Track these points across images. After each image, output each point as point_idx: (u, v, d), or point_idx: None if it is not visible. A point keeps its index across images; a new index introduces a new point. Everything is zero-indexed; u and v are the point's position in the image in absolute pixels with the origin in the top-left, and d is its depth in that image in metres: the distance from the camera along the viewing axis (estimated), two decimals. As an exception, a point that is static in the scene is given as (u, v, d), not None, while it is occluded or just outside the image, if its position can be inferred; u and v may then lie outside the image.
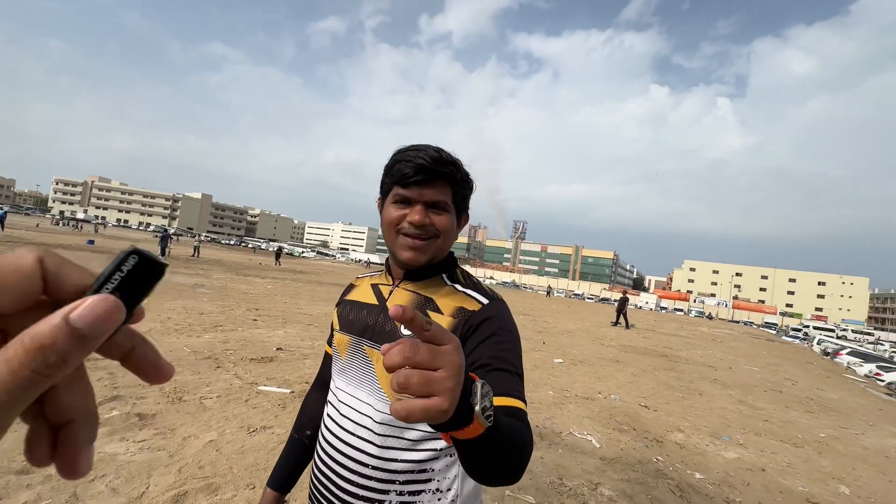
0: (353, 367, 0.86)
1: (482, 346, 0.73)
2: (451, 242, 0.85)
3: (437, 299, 0.82)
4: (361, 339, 0.85)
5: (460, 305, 0.80)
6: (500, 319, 0.78)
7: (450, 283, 0.86)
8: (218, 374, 4.10)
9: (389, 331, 0.81)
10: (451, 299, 0.82)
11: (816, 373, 12.30)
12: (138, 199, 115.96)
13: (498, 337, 0.75)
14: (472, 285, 0.86)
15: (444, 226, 0.81)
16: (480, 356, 0.72)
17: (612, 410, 4.88)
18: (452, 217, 0.83)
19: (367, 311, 0.88)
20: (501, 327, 0.77)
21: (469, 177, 0.86)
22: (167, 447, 2.57)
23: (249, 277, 15.33)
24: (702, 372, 8.75)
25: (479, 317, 0.77)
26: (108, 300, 0.22)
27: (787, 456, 4.26)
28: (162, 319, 6.08)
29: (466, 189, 0.86)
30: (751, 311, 70.32)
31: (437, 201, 0.80)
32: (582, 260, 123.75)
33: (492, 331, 0.75)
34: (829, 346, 23.16)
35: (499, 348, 0.74)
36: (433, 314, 0.80)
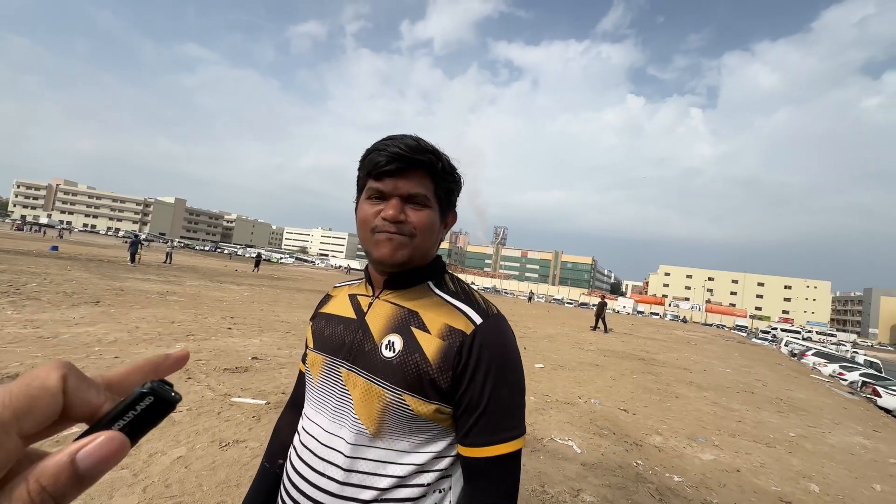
0: (325, 392, 0.74)
1: (476, 385, 0.66)
2: (432, 242, 0.74)
3: (422, 313, 0.72)
4: (335, 359, 0.74)
5: (450, 324, 0.70)
6: (496, 346, 0.69)
7: (437, 293, 0.75)
8: (188, 385, 3.93)
9: (369, 350, 0.71)
10: (440, 314, 0.71)
11: (785, 373, 12.75)
12: (107, 204, 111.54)
13: (495, 371, 0.67)
14: (464, 296, 0.75)
15: (422, 222, 0.70)
16: (474, 397, 0.66)
17: (593, 415, 4.91)
18: (434, 213, 0.73)
19: (343, 327, 0.78)
20: (498, 356, 0.68)
21: (454, 169, 0.77)
22: (131, 465, 2.43)
23: (225, 284, 14.88)
24: (678, 375, 8.94)
25: (471, 343, 0.67)
26: (117, 440, 0.22)
27: (760, 456, 4.37)
28: (130, 329, 5.81)
29: (451, 182, 0.76)
30: (723, 315, 72.72)
31: (415, 194, 0.70)
32: (561, 265, 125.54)
33: (487, 365, 0.67)
34: (796, 348, 24.13)
35: (493, 385, 0.66)
36: (418, 332, 0.70)
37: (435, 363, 0.67)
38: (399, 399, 0.66)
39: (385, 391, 0.67)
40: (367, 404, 0.68)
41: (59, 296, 7.65)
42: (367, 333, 0.73)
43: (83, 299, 7.63)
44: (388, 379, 0.67)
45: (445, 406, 0.68)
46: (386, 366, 0.68)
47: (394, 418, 0.67)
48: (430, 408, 0.67)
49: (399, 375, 0.67)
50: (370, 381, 0.68)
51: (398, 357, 0.68)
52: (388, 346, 0.70)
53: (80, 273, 11.75)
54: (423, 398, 0.66)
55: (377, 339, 0.71)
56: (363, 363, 0.70)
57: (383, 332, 0.71)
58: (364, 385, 0.69)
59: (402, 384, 0.66)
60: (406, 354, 0.68)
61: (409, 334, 0.70)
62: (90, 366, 4.04)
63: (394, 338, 0.70)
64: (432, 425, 0.69)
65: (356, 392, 0.69)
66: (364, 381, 0.69)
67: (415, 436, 0.68)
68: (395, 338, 0.70)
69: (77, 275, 11.28)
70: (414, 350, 0.68)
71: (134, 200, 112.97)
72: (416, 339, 0.69)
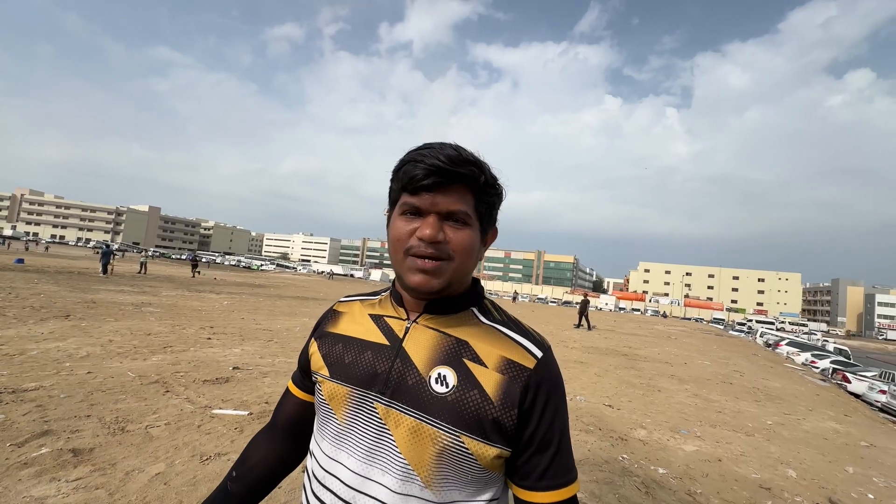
0: (357, 432, 0.63)
1: (545, 423, 0.61)
2: (472, 265, 0.66)
3: (474, 343, 0.64)
4: (369, 392, 0.64)
5: (508, 357, 0.63)
6: (557, 381, 0.65)
7: (484, 321, 0.68)
8: (167, 399, 3.81)
9: (413, 384, 0.62)
10: (494, 345, 0.64)
11: (761, 363, 13.18)
12: (76, 214, 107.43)
13: (562, 409, 0.64)
14: (514, 325, 0.68)
15: (462, 243, 0.62)
16: (546, 436, 0.61)
17: (578, 411, 4.97)
18: (475, 232, 0.64)
19: (372, 354, 0.67)
20: (561, 393, 0.64)
21: (496, 181, 0.68)
22: (107, 484, 2.33)
23: (203, 293, 14.50)
24: (660, 368, 9.13)
25: (537, 379, 0.62)
26: None
27: (740, 445, 4.49)
28: (103, 343, 5.60)
29: (493, 197, 0.67)
30: (701, 308, 74.77)
31: (455, 211, 0.62)
32: (544, 265, 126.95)
33: (556, 401, 0.63)
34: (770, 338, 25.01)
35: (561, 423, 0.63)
36: (473, 365, 0.62)
37: (497, 401, 0.60)
38: (458, 441, 0.58)
39: (441, 432, 0.59)
40: (417, 447, 0.59)
41: (26, 310, 7.31)
42: (408, 363, 0.64)
43: (52, 313, 7.32)
44: (443, 418, 0.59)
45: (506, 449, 0.60)
46: (439, 403, 0.60)
47: (451, 464, 0.59)
48: (492, 452, 0.59)
49: (455, 414, 0.59)
50: (420, 421, 0.60)
51: (453, 393, 0.60)
52: (439, 379, 0.61)
53: (48, 286, 11.27)
54: (485, 441, 0.59)
55: (423, 371, 0.62)
56: (408, 399, 0.61)
57: (430, 364, 0.63)
58: (412, 424, 0.60)
59: (460, 424, 0.59)
60: (462, 390, 0.60)
61: (463, 367, 0.62)
62: (61, 382, 3.87)
63: (445, 371, 0.62)
64: (487, 472, 0.61)
65: (400, 432, 0.60)
66: (411, 420, 0.60)
67: (468, 484, 0.60)
68: (447, 371, 0.62)
69: (45, 288, 10.82)
70: (471, 386, 0.60)
71: (105, 209, 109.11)
72: (473, 374, 0.61)
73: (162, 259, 53.85)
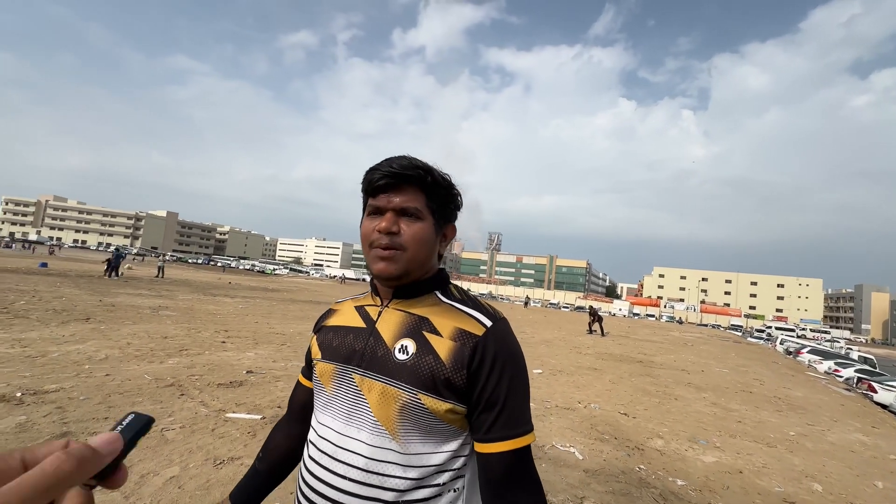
0: (339, 398, 0.76)
1: (492, 383, 0.71)
2: (425, 254, 0.77)
3: (433, 319, 0.76)
4: (348, 366, 0.77)
5: (460, 327, 0.74)
6: (507, 346, 0.74)
7: (445, 300, 0.80)
8: (182, 402, 3.85)
9: (382, 355, 0.74)
10: (450, 319, 0.76)
11: (781, 372, 12.80)
12: (97, 219, 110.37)
13: (510, 370, 0.72)
14: (472, 303, 0.80)
15: (414, 234, 0.75)
16: (493, 395, 0.70)
17: (593, 420, 4.87)
18: (427, 225, 0.76)
19: (353, 336, 0.80)
20: (510, 356, 0.73)
21: (447, 182, 0.81)
22: (122, 488, 2.35)
23: (218, 297, 14.72)
24: (676, 376, 8.93)
25: (485, 344, 0.72)
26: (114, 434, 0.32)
27: (762, 456, 4.35)
28: (121, 346, 5.71)
29: (445, 196, 0.80)
30: (718, 315, 73.11)
31: (407, 208, 0.75)
32: (556, 269, 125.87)
33: (502, 364, 0.72)
34: (791, 346, 24.28)
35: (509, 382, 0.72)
36: (430, 335, 0.74)
37: (448, 363, 0.71)
38: (415, 399, 0.70)
39: (401, 392, 0.70)
40: (384, 406, 0.71)
41: (49, 313, 7.51)
42: (378, 340, 0.76)
43: (73, 316, 7.50)
44: (404, 380, 0.71)
45: (459, 405, 0.71)
46: (401, 368, 0.72)
47: (411, 418, 0.70)
48: (444, 406, 0.70)
49: (414, 376, 0.71)
50: (386, 384, 0.72)
51: (412, 359, 0.72)
52: (402, 349, 0.73)
53: (70, 290, 11.57)
54: (438, 397, 0.70)
55: (389, 344, 0.75)
56: (377, 368, 0.73)
57: (395, 338, 0.75)
58: (380, 388, 0.72)
59: (417, 384, 0.70)
60: (419, 357, 0.72)
61: (422, 338, 0.74)
62: (80, 384, 3.95)
63: (406, 342, 0.74)
64: (445, 425, 0.72)
65: (372, 396, 0.72)
66: (380, 384, 0.72)
67: (430, 436, 0.71)
68: (408, 342, 0.74)
69: (67, 291, 11.10)
70: (427, 352, 0.72)
71: (125, 215, 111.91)
72: (429, 342, 0.73)
73: (179, 263, 54.94)
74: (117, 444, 0.31)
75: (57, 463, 0.26)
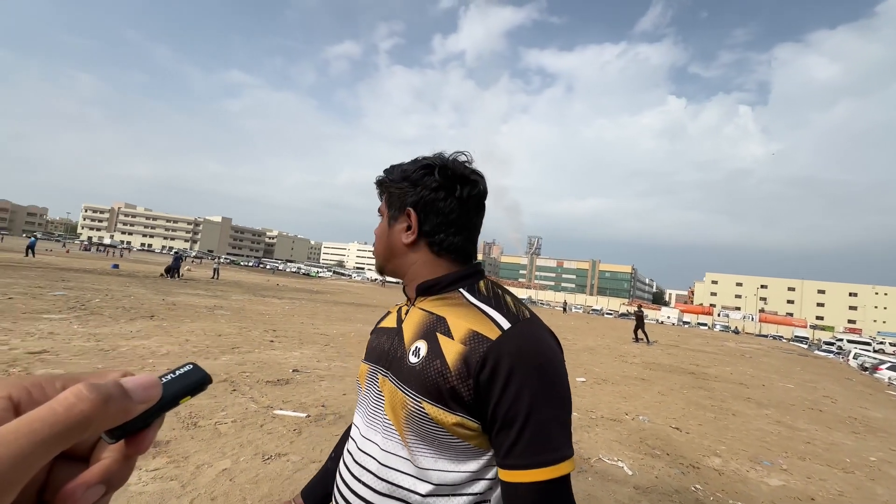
0: (367, 399, 0.77)
1: (508, 397, 0.59)
2: (382, 246, 0.82)
3: (449, 319, 0.69)
4: (377, 367, 0.77)
5: (474, 329, 0.65)
6: (528, 353, 0.62)
7: (468, 298, 0.72)
8: (234, 397, 4.04)
9: (400, 357, 0.72)
10: (466, 319, 0.67)
11: (856, 389, 11.60)
12: (161, 224, 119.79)
13: (532, 382, 0.60)
14: (494, 300, 0.70)
15: (376, 232, 0.83)
16: (509, 411, 0.59)
17: (642, 433, 4.62)
18: (382, 221, 0.82)
19: (386, 336, 0.80)
20: (532, 365, 0.61)
21: (397, 173, 0.79)
22: (179, 476, 2.49)
23: (267, 298, 15.46)
24: (733, 390, 8.32)
25: (498, 351, 0.61)
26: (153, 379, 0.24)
27: (837, 483, 3.93)
28: (181, 342, 6.10)
29: (392, 187, 0.79)
30: (779, 325, 67.75)
31: (379, 210, 0.84)
32: (599, 274, 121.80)
33: (521, 375, 0.60)
34: (867, 361, 21.97)
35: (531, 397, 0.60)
36: (442, 337, 0.67)
37: (455, 370, 0.63)
38: (419, 406, 0.64)
39: (407, 397, 0.66)
40: (394, 410, 0.68)
41: (119, 310, 8.18)
42: (400, 340, 0.74)
43: (139, 314, 8.13)
44: (410, 385, 0.66)
45: (470, 420, 0.62)
46: (410, 372, 0.68)
47: (416, 428, 0.65)
48: (451, 419, 0.62)
49: (419, 381, 0.65)
50: (396, 387, 0.69)
51: (421, 363, 0.67)
52: (415, 351, 0.69)
53: (137, 289, 12.57)
54: (444, 408, 0.63)
55: (407, 346, 0.72)
56: (395, 369, 0.71)
57: (413, 339, 0.72)
58: (391, 390, 0.70)
59: (422, 391, 0.64)
60: (428, 360, 0.66)
61: (434, 339, 0.68)
62: (144, 377, 4.25)
63: (420, 343, 0.69)
64: (457, 441, 0.64)
65: (386, 398, 0.71)
66: (392, 386, 0.70)
67: (441, 451, 0.64)
68: (421, 343, 0.69)
69: (135, 291, 12.07)
70: (435, 356, 0.66)
71: (185, 220, 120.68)
72: (439, 345, 0.67)
73: (231, 266, 58.36)
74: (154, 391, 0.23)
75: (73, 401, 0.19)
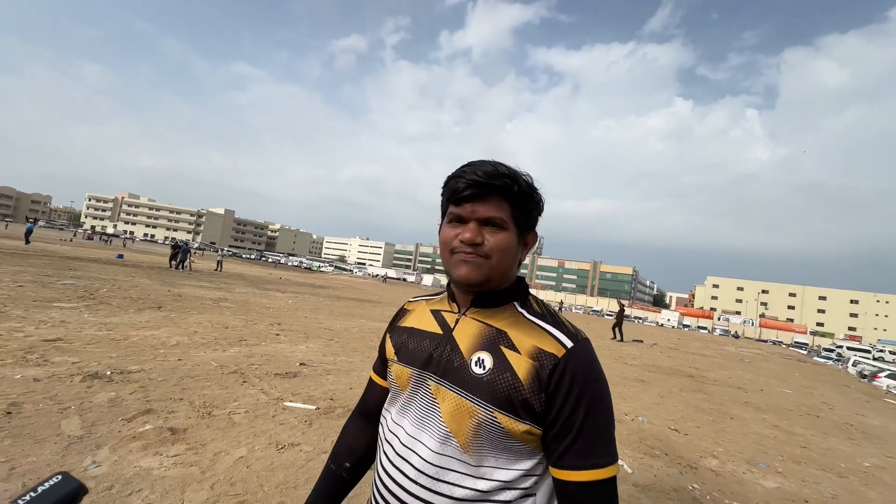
0: (415, 404, 0.78)
1: (568, 408, 0.67)
2: (509, 263, 0.76)
3: (511, 333, 0.74)
4: (425, 372, 0.78)
5: (539, 346, 0.71)
6: (588, 370, 0.70)
7: (524, 314, 0.77)
8: (244, 388, 4.15)
9: (458, 366, 0.74)
10: (528, 335, 0.73)
11: (854, 396, 11.68)
12: (165, 215, 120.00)
13: (589, 396, 0.68)
14: (551, 318, 0.76)
15: (497, 244, 0.74)
16: (569, 420, 0.67)
17: (641, 433, 4.72)
18: (510, 235, 0.75)
19: (429, 341, 0.80)
20: (591, 381, 0.69)
21: (533, 191, 0.79)
22: (199, 462, 2.60)
23: (270, 292, 15.57)
24: (731, 394, 8.41)
25: (564, 367, 0.69)
26: None
27: (831, 486, 4.02)
28: (189, 333, 6.21)
29: (529, 204, 0.78)
30: (779, 330, 67.69)
31: (491, 217, 0.73)
32: (600, 276, 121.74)
33: (580, 388, 0.68)
34: (866, 368, 22.00)
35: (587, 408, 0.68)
36: (508, 351, 0.71)
37: (527, 384, 0.68)
38: (492, 417, 0.68)
39: (477, 408, 0.69)
40: (457, 419, 0.71)
41: (127, 300, 8.30)
42: (455, 349, 0.76)
43: (147, 304, 8.24)
44: (481, 396, 0.70)
45: (536, 427, 0.69)
46: (477, 382, 0.71)
47: (486, 435, 0.69)
48: (521, 427, 0.68)
49: (491, 393, 0.69)
50: (461, 397, 0.71)
51: (489, 374, 0.70)
52: (478, 363, 0.72)
53: (143, 280, 12.69)
54: (515, 417, 0.68)
55: (466, 356, 0.74)
56: (453, 378, 0.73)
57: (472, 349, 0.74)
58: (455, 400, 0.72)
59: (494, 402, 0.68)
60: (497, 373, 0.70)
61: (499, 353, 0.72)
62: (157, 367, 4.36)
63: (483, 355, 0.72)
64: (521, 445, 0.70)
65: (446, 405, 0.73)
66: (455, 396, 0.72)
67: (503, 452, 0.70)
68: (485, 355, 0.72)
69: (141, 281, 12.19)
70: (505, 369, 0.70)
71: (188, 212, 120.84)
72: (507, 359, 0.71)
73: (234, 258, 58.56)
74: None
75: None
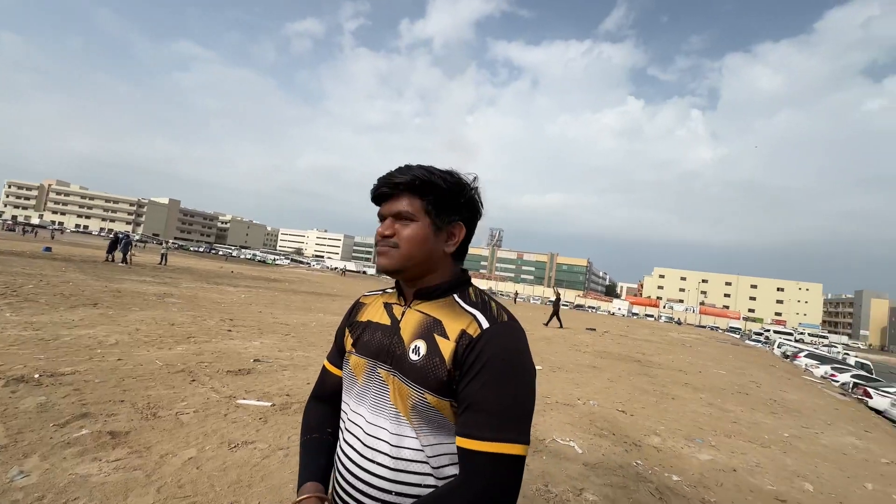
0: (370, 391, 0.84)
1: (471, 382, 0.73)
2: (419, 251, 0.82)
3: (445, 322, 0.81)
4: (376, 361, 0.85)
5: (463, 329, 0.78)
6: (501, 348, 0.75)
7: (460, 303, 0.84)
8: (193, 387, 3.95)
9: (400, 354, 0.82)
10: (458, 321, 0.80)
11: (778, 375, 12.92)
12: (99, 204, 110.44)
13: (499, 373, 0.73)
14: (481, 304, 0.83)
15: (406, 235, 0.82)
16: (478, 394, 0.72)
17: (592, 416, 4.98)
18: (420, 226, 0.82)
19: (381, 333, 0.88)
20: (503, 358, 0.74)
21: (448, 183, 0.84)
22: (144, 466, 2.46)
23: (221, 286, 14.83)
24: (674, 376, 9.04)
25: (476, 344, 0.75)
26: None
27: (756, 456, 4.46)
28: (130, 331, 5.81)
29: (445, 196, 0.84)
30: (716, 317, 73.37)
31: (400, 212, 0.83)
32: (557, 267, 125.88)
33: (492, 365, 0.73)
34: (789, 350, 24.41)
35: (498, 385, 0.72)
36: (439, 338, 0.79)
37: (449, 364, 0.76)
38: (421, 397, 0.77)
39: (412, 390, 0.78)
40: (401, 401, 0.80)
41: (57, 297, 7.61)
42: (399, 339, 0.84)
43: (81, 301, 7.61)
44: (413, 379, 0.78)
45: (454, 403, 0.77)
46: (412, 368, 0.79)
47: (421, 414, 0.78)
48: (445, 404, 0.77)
49: (421, 376, 0.78)
50: (401, 381, 0.80)
51: (422, 360, 0.79)
52: (415, 350, 0.80)
53: (75, 274, 11.68)
54: (440, 396, 0.77)
55: (406, 344, 0.82)
56: (396, 365, 0.82)
57: (412, 338, 0.82)
58: (396, 383, 0.81)
59: (424, 384, 0.77)
60: (428, 358, 0.78)
61: (432, 340, 0.80)
62: (94, 367, 4.05)
63: (419, 343, 0.81)
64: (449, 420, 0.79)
65: (392, 390, 0.81)
66: (397, 380, 0.81)
67: (438, 429, 0.78)
68: (421, 343, 0.81)
69: (73, 276, 11.21)
70: (435, 354, 0.78)
71: (127, 201, 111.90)
72: (437, 345, 0.79)
73: (180, 251, 55.09)
74: None
75: None
